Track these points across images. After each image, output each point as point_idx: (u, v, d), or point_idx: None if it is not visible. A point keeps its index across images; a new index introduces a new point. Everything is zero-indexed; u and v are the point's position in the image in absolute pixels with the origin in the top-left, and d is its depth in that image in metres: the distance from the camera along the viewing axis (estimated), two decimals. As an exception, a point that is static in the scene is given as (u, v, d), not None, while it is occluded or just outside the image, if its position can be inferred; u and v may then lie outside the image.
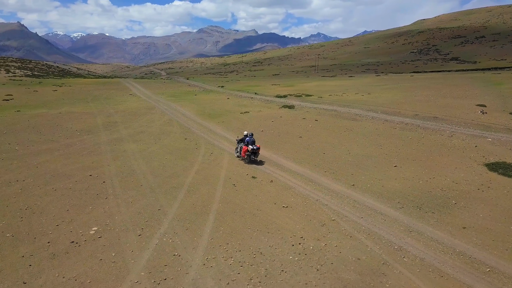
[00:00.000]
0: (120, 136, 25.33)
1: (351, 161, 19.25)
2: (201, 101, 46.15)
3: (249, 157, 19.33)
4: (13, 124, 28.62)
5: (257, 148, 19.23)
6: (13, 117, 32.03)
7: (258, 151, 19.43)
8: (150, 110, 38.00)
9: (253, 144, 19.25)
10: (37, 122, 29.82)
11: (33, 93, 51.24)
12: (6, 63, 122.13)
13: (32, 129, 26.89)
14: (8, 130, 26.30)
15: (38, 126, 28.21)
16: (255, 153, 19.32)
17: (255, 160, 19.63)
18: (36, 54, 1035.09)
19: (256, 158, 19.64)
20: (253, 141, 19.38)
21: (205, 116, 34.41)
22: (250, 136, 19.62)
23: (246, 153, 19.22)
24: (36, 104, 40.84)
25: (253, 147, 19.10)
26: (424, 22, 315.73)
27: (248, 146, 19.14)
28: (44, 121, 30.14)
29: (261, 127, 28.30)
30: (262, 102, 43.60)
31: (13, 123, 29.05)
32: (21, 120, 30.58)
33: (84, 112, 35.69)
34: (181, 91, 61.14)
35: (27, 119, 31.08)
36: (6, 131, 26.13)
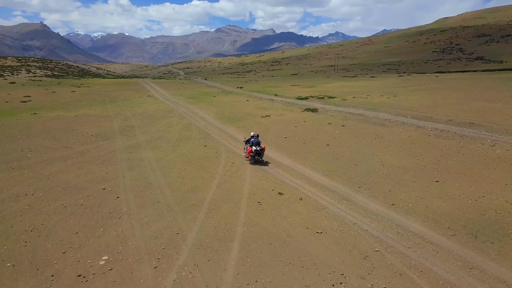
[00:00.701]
0: (137, 142, 24.10)
1: (386, 175, 17.46)
2: (220, 103, 44.81)
3: (253, 157, 19.93)
4: (28, 128, 27.76)
5: (261, 149, 19.83)
6: (29, 120, 31.26)
7: (263, 152, 20.01)
8: (168, 113, 36.82)
9: (257, 145, 19.88)
10: (53, 126, 28.92)
11: (51, 94, 50.84)
12: (27, 63, 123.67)
13: (47, 134, 25.93)
14: (22, 135, 25.39)
15: (53, 130, 27.27)
16: (260, 154, 19.91)
17: (260, 161, 20.12)
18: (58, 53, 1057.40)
19: (260, 158, 20.09)
20: (257, 142, 20.04)
21: (225, 120, 33.00)
22: (255, 137, 20.26)
23: (250, 154, 19.89)
24: (53, 106, 40.20)
25: (257, 148, 19.72)
26: (446, 20, 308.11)
27: (252, 147, 19.79)
28: (59, 125, 29.22)
29: (284, 133, 26.70)
30: (283, 105, 41.96)
31: (28, 127, 28.21)
32: (36, 123, 29.76)
33: (101, 115, 34.74)
34: (199, 92, 60.00)
35: (43, 122, 30.25)
36: (20, 135, 25.23)
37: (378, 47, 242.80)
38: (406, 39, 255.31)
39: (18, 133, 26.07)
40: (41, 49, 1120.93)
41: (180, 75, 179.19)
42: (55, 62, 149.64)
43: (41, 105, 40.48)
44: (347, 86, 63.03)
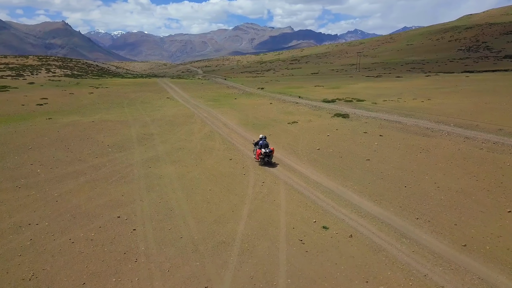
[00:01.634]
0: (156, 155, 22.00)
1: (445, 201, 14.82)
2: (242, 107, 42.56)
3: (263, 159, 20.27)
4: (41, 136, 26.03)
5: (269, 151, 20.09)
6: (43, 126, 29.61)
7: (272, 153, 20.27)
8: (189, 118, 34.74)
9: (266, 147, 20.21)
10: (67, 133, 27.13)
11: (68, 96, 49.50)
12: (48, 62, 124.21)
13: (60, 143, 24.10)
14: (34, 145, 23.62)
15: (67, 139, 25.45)
16: (269, 156, 20.18)
17: (270, 162, 20.38)
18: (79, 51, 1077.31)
19: (270, 160, 20.37)
20: (266, 144, 20.35)
21: (249, 126, 30.70)
22: (263, 139, 20.67)
23: (260, 156, 20.21)
24: (70, 109, 38.65)
25: (265, 150, 20.00)
26: (471, 17, 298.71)
27: (262, 150, 20.08)
28: (74, 133, 27.41)
29: (315, 143, 24.23)
30: (309, 109, 39.41)
31: (41, 134, 26.49)
32: (50, 130, 28.04)
33: (118, 120, 32.88)
34: (220, 94, 57.89)
35: (57, 129, 28.52)
36: (32, 145, 23.46)
37: (400, 45, 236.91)
38: (429, 36, 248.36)
39: (30, 142, 24.33)
40: (62, 47, 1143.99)
41: (198, 74, 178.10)
42: (75, 61, 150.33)
43: (57, 108, 38.99)
44: (373, 87, 59.95)
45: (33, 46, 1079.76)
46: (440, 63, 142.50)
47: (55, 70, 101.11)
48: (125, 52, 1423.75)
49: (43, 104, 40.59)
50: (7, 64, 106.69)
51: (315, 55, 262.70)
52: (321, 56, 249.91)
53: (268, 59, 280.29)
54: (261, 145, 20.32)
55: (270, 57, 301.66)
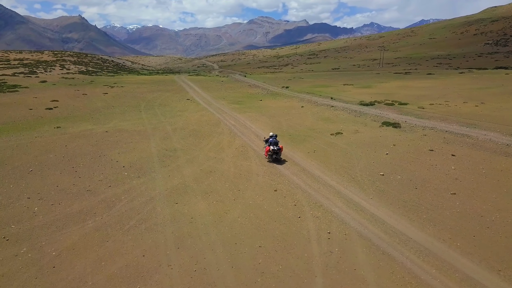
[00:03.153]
0: (182, 182, 17.74)
1: None
2: (271, 111, 38.13)
3: (271, 156, 20.98)
4: (46, 152, 22.05)
5: (278, 148, 20.80)
6: (50, 138, 25.65)
7: (280, 151, 20.97)
8: (215, 126, 30.44)
9: (275, 145, 20.84)
10: (76, 148, 23.09)
11: (81, 97, 45.67)
12: (62, 58, 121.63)
13: (67, 164, 20.06)
14: (36, 166, 19.63)
15: (75, 156, 21.40)
16: (277, 153, 20.83)
17: (279, 159, 21.08)
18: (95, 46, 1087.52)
19: (278, 157, 21.05)
20: (275, 142, 21.01)
21: (285, 138, 26.23)
22: (273, 137, 21.23)
23: (268, 153, 20.95)
24: (82, 114, 34.74)
25: (274, 148, 20.68)
26: (495, 10, 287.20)
27: (270, 147, 20.72)
28: (84, 148, 23.35)
29: (375, 166, 19.65)
30: (349, 114, 34.75)
31: (46, 150, 22.52)
32: (57, 144, 24.05)
33: (135, 130, 28.74)
34: (243, 95, 53.45)
35: (65, 142, 24.50)
36: (33, 166, 19.48)
37: (422, 39, 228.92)
38: (453, 30, 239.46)
39: (32, 161, 20.35)
40: (79, 41, 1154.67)
41: (214, 69, 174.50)
42: (91, 56, 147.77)
43: (68, 113, 35.13)
44: (408, 86, 54.80)
45: (51, 40, 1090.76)
46: (468, 58, 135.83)
47: (70, 67, 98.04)
48: (141, 46, 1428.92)
49: (53, 108, 36.78)
50: (21, 60, 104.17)
51: (333, 49, 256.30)
52: (339, 50, 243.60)
53: (285, 53, 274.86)
54: (271, 143, 21.01)
55: (286, 51, 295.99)
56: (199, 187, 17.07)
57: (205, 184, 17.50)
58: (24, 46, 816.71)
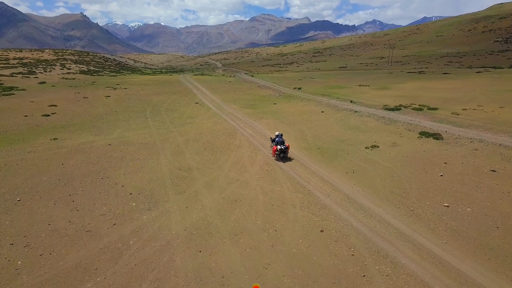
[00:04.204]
0: (204, 217, 14.35)
1: None
2: (290, 117, 34.75)
3: (278, 155, 21.23)
4: (38, 174, 18.71)
5: (285, 147, 21.16)
6: (44, 153, 22.30)
7: (287, 150, 21.34)
8: (231, 137, 27.04)
9: (282, 144, 21.20)
10: (74, 168, 19.74)
11: (82, 101, 42.28)
12: (63, 57, 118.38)
13: (63, 190, 16.70)
14: (25, 193, 16.29)
15: (73, 179, 18.06)
16: (284, 152, 21.13)
17: (285, 157, 21.37)
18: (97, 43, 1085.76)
19: (285, 156, 21.32)
20: (282, 141, 21.35)
21: (314, 153, 22.83)
22: (279, 136, 21.56)
23: (276, 152, 21.15)
24: (82, 122, 31.36)
25: (281, 147, 21.02)
26: (502, 6, 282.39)
27: (277, 146, 21.05)
28: (84, 167, 19.99)
29: (434, 193, 16.17)
30: (378, 121, 31.31)
31: (39, 170, 19.17)
32: (53, 162, 20.70)
33: (142, 142, 25.34)
34: (254, 97, 50.01)
35: (62, 159, 21.15)
36: (22, 195, 16.12)
37: (429, 37, 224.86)
38: (460, 27, 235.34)
39: (20, 186, 17.01)
40: (81, 39, 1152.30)
41: (218, 67, 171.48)
42: (92, 54, 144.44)
43: (66, 120, 31.76)
44: (429, 88, 51.28)
45: (53, 38, 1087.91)
46: (478, 56, 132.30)
47: (70, 66, 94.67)
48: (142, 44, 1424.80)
49: (50, 115, 33.41)
50: (21, 59, 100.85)
51: (338, 47, 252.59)
52: (344, 48, 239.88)
53: (289, 51, 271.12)
54: (277, 142, 21.29)
55: (290, 49, 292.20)
56: (225, 225, 13.71)
57: (231, 220, 14.13)
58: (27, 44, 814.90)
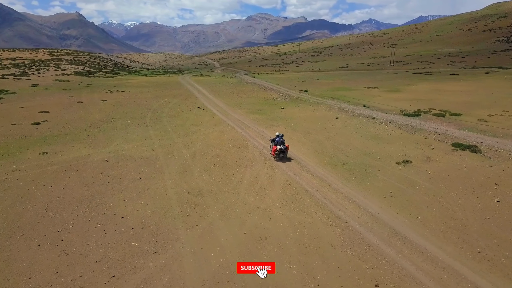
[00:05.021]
0: (225, 263, 11.47)
1: None
2: (302, 124, 31.98)
3: (278, 155, 21.38)
4: (22, 201, 15.76)
5: (285, 148, 21.28)
6: (31, 172, 19.34)
7: (287, 150, 21.52)
8: (242, 149, 24.11)
9: (282, 144, 21.25)
10: (65, 192, 16.78)
11: (76, 106, 39.17)
12: (58, 57, 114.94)
13: (50, 224, 13.77)
14: (4, 229, 13.33)
15: (63, 209, 15.11)
16: (284, 152, 21.33)
17: (285, 158, 21.55)
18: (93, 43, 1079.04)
19: (285, 156, 21.53)
20: (282, 141, 21.40)
21: (339, 169, 20.03)
22: (280, 137, 21.60)
23: (276, 152, 21.19)
24: (76, 131, 28.33)
25: (281, 147, 21.09)
26: (501, 5, 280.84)
27: (277, 146, 21.11)
28: (77, 190, 17.03)
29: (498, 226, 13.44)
30: (400, 129, 28.57)
31: (23, 196, 16.19)
32: (40, 183, 17.74)
33: (143, 156, 22.36)
34: (259, 100, 47.14)
35: (52, 180, 18.19)
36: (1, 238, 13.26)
37: (429, 36, 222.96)
38: (460, 26, 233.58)
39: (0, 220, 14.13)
40: (77, 38, 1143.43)
41: (216, 67, 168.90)
42: (88, 54, 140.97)
43: (58, 129, 28.74)
44: (442, 90, 48.65)
45: (49, 37, 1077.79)
46: (481, 55, 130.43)
47: (65, 67, 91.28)
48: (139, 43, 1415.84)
49: (41, 123, 30.35)
50: (13, 60, 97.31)
51: (337, 46, 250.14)
52: (344, 47, 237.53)
53: (287, 51, 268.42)
54: (277, 142, 21.28)
55: (288, 49, 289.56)
56: (252, 279, 10.85)
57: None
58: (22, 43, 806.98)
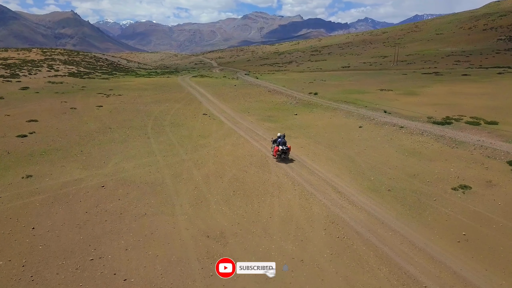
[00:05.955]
0: None
1: None
2: (323, 134, 28.50)
3: (280, 156, 21.25)
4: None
5: (287, 148, 21.11)
6: (10, 205, 15.49)
7: (288, 151, 21.29)
8: (263, 169, 20.41)
9: (283, 145, 21.10)
10: (51, 237, 13.00)
11: (68, 114, 35.16)
12: (52, 57, 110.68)
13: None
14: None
15: (47, 264, 11.40)
16: (285, 153, 21.19)
17: (287, 158, 21.38)
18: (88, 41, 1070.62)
19: (286, 157, 21.36)
20: (284, 142, 21.24)
21: (386, 198, 16.50)
22: (282, 137, 21.45)
23: (277, 152, 21.14)
24: (67, 146, 24.47)
25: (283, 147, 20.99)
26: (500, 4, 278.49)
27: (279, 147, 21.03)
28: (65, 234, 13.26)
29: None
30: (438, 143, 25.09)
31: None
32: (20, 223, 13.96)
33: (147, 181, 18.53)
34: (268, 105, 43.48)
35: (35, 217, 14.42)
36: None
37: (429, 35, 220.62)
38: (460, 25, 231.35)
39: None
40: (72, 37, 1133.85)
41: (214, 67, 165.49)
42: (83, 54, 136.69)
43: (48, 143, 24.88)
44: (462, 93, 45.39)
45: (44, 36, 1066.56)
46: (485, 55, 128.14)
47: (59, 67, 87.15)
48: (135, 42, 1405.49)
49: (28, 135, 26.43)
50: (5, 60, 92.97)
51: (336, 45, 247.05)
52: (343, 46, 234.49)
53: (285, 50, 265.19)
54: (279, 143, 21.24)
55: (286, 47, 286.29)
56: None
57: None
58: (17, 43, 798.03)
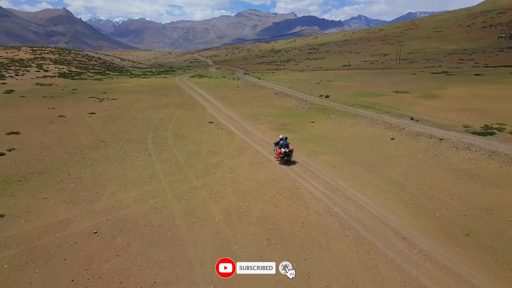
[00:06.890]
0: None
1: None
2: (352, 148, 24.58)
3: (282, 158, 20.87)
4: None
5: (289, 150, 20.71)
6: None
7: (291, 153, 20.89)
8: (297, 202, 16.33)
9: (286, 147, 20.75)
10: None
11: (56, 123, 30.77)
12: (42, 55, 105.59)
13: None
14: None
15: None
16: (288, 155, 20.78)
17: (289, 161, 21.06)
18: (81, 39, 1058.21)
19: (289, 159, 21.00)
20: (286, 144, 20.87)
21: (466, 246, 12.64)
22: (284, 140, 21.11)
23: (280, 155, 20.75)
24: (52, 168, 20.22)
25: (285, 150, 20.59)
26: (497, 1, 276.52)
27: (282, 149, 20.64)
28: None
29: None
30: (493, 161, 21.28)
31: None
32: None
33: (153, 223, 14.26)
34: (278, 110, 39.45)
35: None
36: None
37: (427, 32, 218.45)
38: (458, 22, 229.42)
39: None
40: (64, 34, 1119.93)
41: (209, 65, 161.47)
42: (74, 53, 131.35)
43: (29, 163, 20.67)
44: (483, 95, 42.08)
45: (35, 34, 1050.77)
46: (488, 53, 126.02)
47: (48, 67, 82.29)
48: (128, 39, 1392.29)
49: (6, 153, 22.03)
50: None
51: (333, 43, 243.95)
52: (340, 44, 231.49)
53: (282, 47, 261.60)
54: (281, 145, 20.88)
55: (283, 45, 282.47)
56: None
57: None
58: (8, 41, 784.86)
